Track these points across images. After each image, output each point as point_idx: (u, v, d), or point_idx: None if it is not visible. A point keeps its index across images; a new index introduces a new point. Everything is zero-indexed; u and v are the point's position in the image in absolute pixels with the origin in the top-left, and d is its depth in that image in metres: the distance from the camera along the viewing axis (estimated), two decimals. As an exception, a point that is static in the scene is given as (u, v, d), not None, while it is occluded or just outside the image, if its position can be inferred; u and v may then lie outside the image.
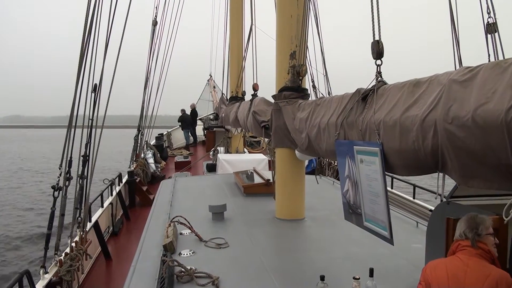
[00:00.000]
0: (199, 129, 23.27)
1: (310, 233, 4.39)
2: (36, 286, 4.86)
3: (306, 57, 4.95)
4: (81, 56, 6.02)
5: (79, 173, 6.25)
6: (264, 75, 8.09)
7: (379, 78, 2.89)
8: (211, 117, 21.68)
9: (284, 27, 4.83)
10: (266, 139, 5.89)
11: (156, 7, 14.84)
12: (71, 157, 5.99)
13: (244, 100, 9.93)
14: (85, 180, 6.27)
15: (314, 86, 8.45)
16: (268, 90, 6.47)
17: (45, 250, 5.60)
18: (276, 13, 5.08)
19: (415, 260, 3.35)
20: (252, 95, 7.07)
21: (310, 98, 4.78)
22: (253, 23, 8.96)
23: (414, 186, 8.85)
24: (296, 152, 4.51)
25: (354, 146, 2.91)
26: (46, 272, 5.34)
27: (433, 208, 7.42)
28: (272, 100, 4.96)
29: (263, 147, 17.68)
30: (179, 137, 22.68)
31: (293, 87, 4.64)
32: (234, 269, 3.24)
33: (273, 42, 5.19)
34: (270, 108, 5.06)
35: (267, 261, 3.39)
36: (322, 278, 2.69)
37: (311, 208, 4.94)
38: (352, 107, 3.06)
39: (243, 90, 10.64)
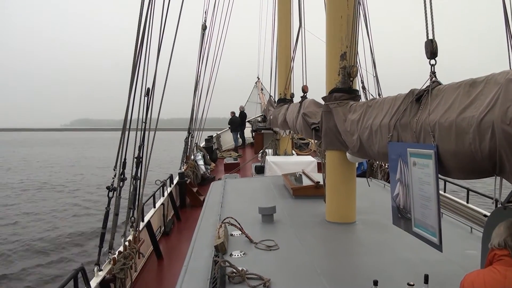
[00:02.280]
0: (248, 131, 23.42)
1: (361, 237, 4.31)
2: (90, 282, 5.02)
3: (357, 58, 4.88)
4: (134, 62, 6.21)
5: (133, 174, 6.45)
6: (312, 77, 8.04)
7: (434, 78, 2.81)
8: (259, 119, 21.79)
9: (334, 27, 4.78)
10: (316, 141, 5.83)
11: (206, 12, 15.10)
12: (125, 159, 6.18)
13: (292, 102, 9.91)
14: (138, 181, 6.47)
15: (364, 87, 8.34)
16: (316, 92, 6.43)
17: (100, 248, 5.75)
18: (326, 14, 5.03)
19: (470, 267, 3.21)
20: (301, 97, 7.05)
21: (360, 100, 4.72)
22: (302, 24, 8.92)
23: (468, 190, 8.54)
24: (347, 154, 4.44)
25: (408, 149, 2.83)
26: (100, 270, 5.49)
27: (487, 213, 7.14)
28: (322, 102, 4.91)
29: (311, 149, 17.59)
30: (228, 139, 22.92)
31: (344, 89, 4.58)
32: (285, 272, 3.21)
33: (322, 43, 5.15)
34: (320, 110, 5.01)
35: (318, 264, 3.35)
36: (376, 283, 2.62)
37: (362, 211, 4.86)
38: (405, 108, 2.98)
39: (292, 92, 10.63)
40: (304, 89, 7.28)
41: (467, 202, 8.42)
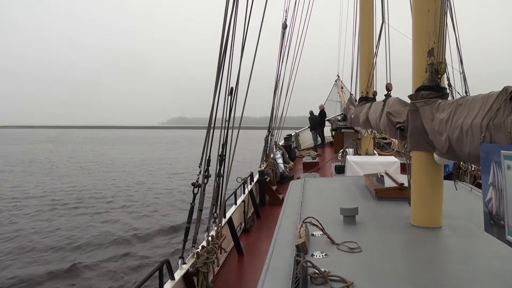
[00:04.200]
0: (327, 130, 23.19)
1: (448, 243, 4.10)
2: (174, 275, 5.22)
3: (445, 54, 4.65)
4: (219, 62, 6.37)
5: (217, 171, 6.62)
6: (394, 75, 7.81)
7: None
8: (339, 118, 21.51)
9: (420, 22, 4.58)
10: (401, 142, 5.62)
11: (286, 11, 15.14)
12: (209, 157, 6.37)
13: (375, 100, 9.67)
14: (221, 178, 6.64)
15: (449, 85, 7.92)
16: (398, 90, 6.22)
17: (184, 242, 5.92)
18: (412, 8, 4.85)
19: None
20: (385, 95, 6.86)
21: (448, 98, 4.50)
22: (385, 20, 8.66)
23: None
24: (435, 155, 4.25)
25: (501, 151, 2.66)
26: (184, 263, 5.68)
27: None
28: (408, 100, 4.74)
29: (393, 149, 17.07)
30: (307, 138, 22.83)
31: (431, 86, 4.39)
32: (368, 276, 3.11)
33: (405, 39, 4.97)
34: (406, 109, 4.83)
35: (402, 270, 3.22)
36: None
37: (448, 216, 4.62)
38: (499, 107, 2.80)
39: (374, 90, 10.38)
40: (388, 87, 7.07)
41: None
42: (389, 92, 6.98)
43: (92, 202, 21.82)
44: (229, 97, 6.64)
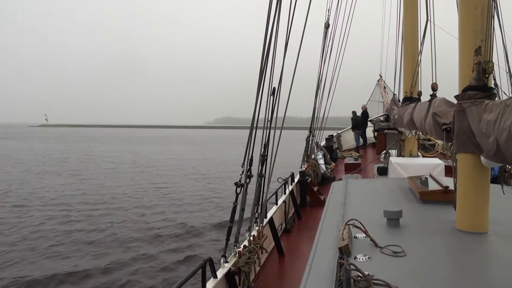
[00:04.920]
0: (369, 131, 22.88)
1: (495, 249, 3.95)
2: (217, 273, 5.29)
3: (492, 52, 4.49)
4: (262, 62, 6.41)
5: (258, 172, 6.66)
6: (439, 74, 7.62)
7: None
8: (382, 118, 21.16)
9: (467, 20, 4.44)
10: (445, 143, 5.46)
11: (328, 10, 15.02)
12: (252, 157, 6.42)
13: (420, 100, 9.48)
14: (263, 178, 6.67)
15: (496, 85, 7.66)
16: (444, 90, 6.06)
17: (226, 241, 5.97)
18: (458, 6, 4.71)
19: None
20: (430, 95, 6.70)
21: (496, 98, 4.34)
22: (429, 18, 8.45)
23: None
24: (482, 158, 4.11)
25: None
26: (226, 262, 5.74)
27: None
28: (454, 101, 4.61)
29: (437, 151, 16.64)
30: (348, 139, 22.59)
31: (479, 86, 4.25)
32: (412, 281, 3.03)
33: (450, 37, 4.84)
34: (452, 110, 4.70)
35: (447, 276, 3.13)
36: None
37: (495, 221, 4.45)
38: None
39: (419, 90, 10.15)
40: (434, 87, 6.89)
41: None
42: (434, 92, 6.81)
43: (144, 199, 22.70)
44: (271, 97, 6.67)
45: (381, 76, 25.95)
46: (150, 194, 24.41)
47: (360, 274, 2.90)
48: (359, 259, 3.38)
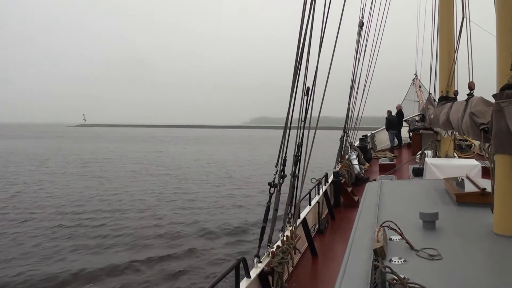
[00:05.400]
0: (404, 131, 22.53)
1: None
2: (250, 273, 5.32)
3: None
4: (296, 62, 6.41)
5: (292, 172, 6.66)
6: (476, 73, 7.44)
7: None
8: (417, 118, 20.82)
9: (505, 16, 4.30)
10: (483, 144, 5.32)
11: (362, 8, 14.88)
12: (285, 157, 6.42)
13: (456, 100, 9.28)
14: (297, 178, 6.67)
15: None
16: (482, 89, 5.91)
17: (260, 241, 6.01)
18: (495, 2, 4.60)
19: None
20: (467, 94, 6.56)
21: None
22: (465, 15, 8.25)
23: None
24: (521, 159, 4.01)
25: None
26: (260, 262, 5.77)
27: None
28: (492, 100, 4.49)
29: (474, 152, 16.22)
30: (383, 139, 22.30)
31: (517, 85, 4.13)
32: (448, 285, 2.94)
33: (487, 35, 4.72)
34: (490, 109, 4.58)
35: (485, 281, 3.03)
36: None
37: None
38: None
39: (455, 89, 9.94)
40: (471, 86, 6.74)
41: None
42: (471, 91, 6.66)
43: (181, 198, 23.18)
44: (305, 97, 6.66)
45: (416, 75, 25.49)
46: (185, 192, 24.87)
47: (395, 277, 2.85)
48: (394, 261, 3.32)
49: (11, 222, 17.31)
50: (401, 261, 3.31)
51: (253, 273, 5.45)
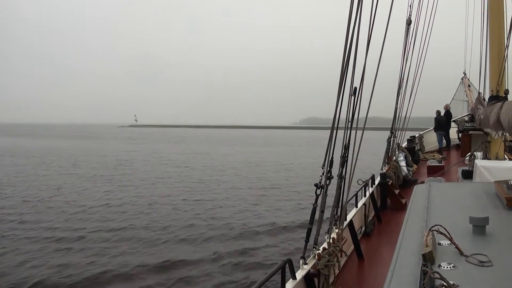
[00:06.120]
0: (453, 132, 21.98)
1: None
2: (296, 274, 5.33)
3: None
4: (343, 61, 6.37)
5: (339, 173, 6.63)
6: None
7: None
8: (466, 118, 20.28)
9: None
10: None
11: (410, 5, 14.62)
12: (332, 158, 6.40)
13: (507, 99, 9.04)
14: (343, 180, 6.66)
15: None
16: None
17: (306, 243, 5.99)
18: None
19: None
20: (518, 94, 6.40)
21: None
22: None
23: None
24: None
25: None
26: (305, 263, 5.77)
27: None
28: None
29: (525, 153, 15.61)
30: (431, 140, 21.79)
31: None
32: None
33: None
34: (542, 110, 4.49)
35: None
36: None
37: None
38: None
39: (506, 88, 9.67)
40: None
41: None
42: (523, 91, 6.49)
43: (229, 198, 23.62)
44: (353, 97, 6.63)
45: (465, 74, 24.78)
46: (230, 192, 25.36)
47: (444, 284, 2.79)
48: (443, 267, 3.24)
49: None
50: (450, 267, 3.24)
51: (299, 274, 5.45)
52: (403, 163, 14.31)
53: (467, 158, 12.32)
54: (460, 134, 20.52)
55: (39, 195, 23.92)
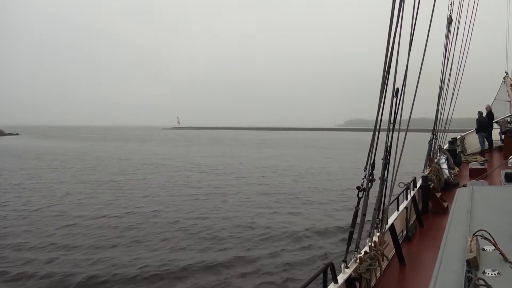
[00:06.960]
0: (495, 133, 21.33)
1: None
2: (337, 278, 5.24)
3: None
4: (385, 62, 6.20)
5: (381, 176, 6.46)
6: None
7: None
8: (509, 119, 19.67)
9: None
10: None
11: (451, 4, 14.26)
12: (374, 160, 6.24)
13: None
14: (385, 183, 6.50)
15: None
16: None
17: (347, 246, 5.89)
18: None
19: None
20: None
21: None
22: None
23: None
24: None
25: None
26: (347, 267, 5.66)
27: None
28: None
29: None
30: (473, 142, 21.19)
31: None
32: None
33: None
34: None
35: None
36: None
37: None
38: None
39: None
40: None
41: None
42: None
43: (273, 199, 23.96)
44: (394, 98, 6.49)
45: (507, 73, 24.01)
46: (271, 195, 25.44)
47: None
48: (488, 274, 3.14)
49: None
50: (494, 274, 3.15)
51: (341, 278, 5.36)
52: (444, 166, 13.97)
53: (510, 160, 11.90)
54: (503, 136, 19.87)
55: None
